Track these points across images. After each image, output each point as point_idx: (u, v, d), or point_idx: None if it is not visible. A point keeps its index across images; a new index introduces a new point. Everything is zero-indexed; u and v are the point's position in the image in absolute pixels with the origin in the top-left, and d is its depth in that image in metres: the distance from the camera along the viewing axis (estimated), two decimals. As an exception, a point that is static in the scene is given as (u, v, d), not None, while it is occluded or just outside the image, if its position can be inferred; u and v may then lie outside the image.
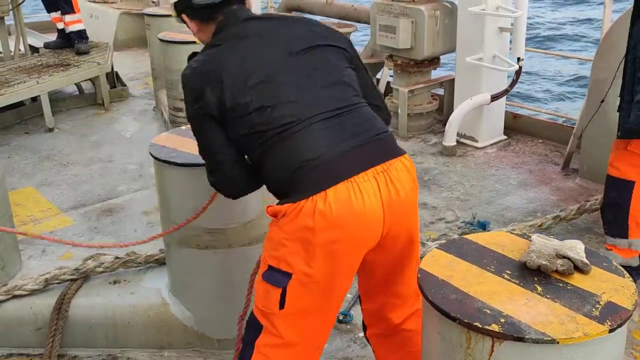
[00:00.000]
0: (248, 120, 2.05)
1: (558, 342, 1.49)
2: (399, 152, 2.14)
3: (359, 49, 6.68)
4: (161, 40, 5.08)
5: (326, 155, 2.01)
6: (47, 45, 7.12)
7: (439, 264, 1.82)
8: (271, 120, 2.03)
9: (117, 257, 3.13)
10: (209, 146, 2.18)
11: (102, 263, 3.10)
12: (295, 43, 2.16)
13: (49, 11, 6.93)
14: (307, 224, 1.98)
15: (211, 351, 2.96)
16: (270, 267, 2.09)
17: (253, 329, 2.17)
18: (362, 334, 3.06)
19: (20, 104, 6.14)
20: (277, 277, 2.07)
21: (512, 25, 4.99)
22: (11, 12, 6.62)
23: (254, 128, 2.05)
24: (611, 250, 3.29)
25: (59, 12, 6.77)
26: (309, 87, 2.09)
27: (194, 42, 4.89)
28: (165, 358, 2.98)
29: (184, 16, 2.30)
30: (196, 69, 2.13)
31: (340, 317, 3.17)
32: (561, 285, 1.69)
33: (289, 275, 2.04)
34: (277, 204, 2.06)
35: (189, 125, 2.21)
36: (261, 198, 2.77)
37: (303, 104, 2.06)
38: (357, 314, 3.21)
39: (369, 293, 2.35)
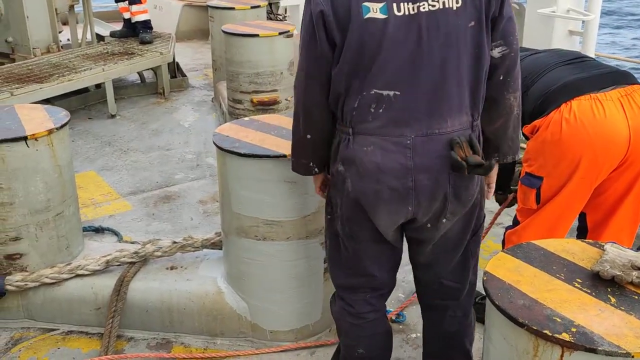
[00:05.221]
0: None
1: (633, 357, 1.44)
2: None
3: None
4: (225, 32, 5.13)
5: (569, 79, 2.53)
6: (113, 34, 7.30)
7: (505, 267, 1.77)
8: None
9: (174, 242, 3.18)
10: None
11: (160, 247, 3.15)
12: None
13: (116, 1, 7.10)
14: (555, 131, 2.46)
15: (263, 342, 2.97)
16: (527, 173, 2.66)
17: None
18: (414, 335, 3.03)
19: (85, 90, 6.32)
20: (532, 180, 2.63)
21: (582, 28, 4.84)
22: (80, 1, 6.83)
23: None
24: None
25: (127, 2, 6.94)
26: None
27: (257, 35, 4.95)
28: (217, 346, 3.01)
29: None
30: None
31: (393, 317, 3.14)
32: (636, 297, 1.63)
33: (540, 179, 2.60)
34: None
35: (251, 117, 2.22)
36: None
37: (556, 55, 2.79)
38: (410, 314, 3.17)
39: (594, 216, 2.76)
